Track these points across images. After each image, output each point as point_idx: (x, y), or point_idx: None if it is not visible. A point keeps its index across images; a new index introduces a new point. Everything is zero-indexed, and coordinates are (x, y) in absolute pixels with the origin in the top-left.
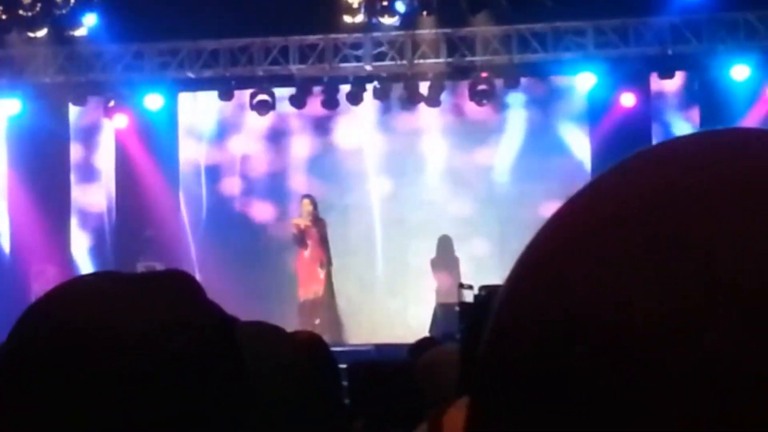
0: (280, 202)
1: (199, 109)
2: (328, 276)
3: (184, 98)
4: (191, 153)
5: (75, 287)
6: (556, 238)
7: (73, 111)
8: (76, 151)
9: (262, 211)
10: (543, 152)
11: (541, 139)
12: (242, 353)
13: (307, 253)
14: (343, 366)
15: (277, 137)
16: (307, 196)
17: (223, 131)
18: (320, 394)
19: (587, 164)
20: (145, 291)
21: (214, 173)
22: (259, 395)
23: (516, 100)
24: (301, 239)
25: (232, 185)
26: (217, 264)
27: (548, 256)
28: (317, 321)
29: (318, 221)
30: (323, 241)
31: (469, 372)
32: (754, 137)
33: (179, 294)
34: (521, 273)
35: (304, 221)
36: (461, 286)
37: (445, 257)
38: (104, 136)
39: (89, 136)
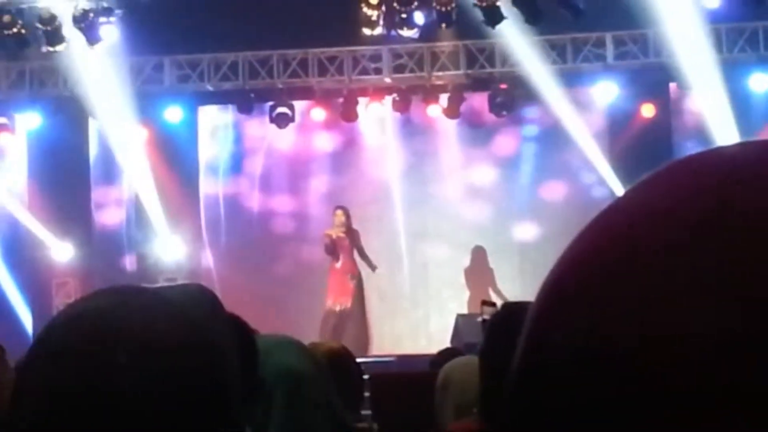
0: (301, 215)
1: (219, 122)
2: (359, 288)
3: (204, 111)
4: (212, 165)
5: (94, 301)
6: (590, 258)
7: (93, 124)
8: (96, 164)
9: (283, 225)
10: (563, 163)
11: (561, 151)
12: (259, 365)
13: (338, 264)
14: (366, 377)
15: (297, 149)
16: (341, 207)
17: (244, 144)
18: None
19: (608, 175)
20: (164, 305)
21: (235, 185)
22: (274, 405)
23: (535, 111)
24: (332, 250)
25: (253, 197)
26: (239, 277)
27: (582, 278)
28: (344, 333)
29: (351, 232)
30: (360, 252)
31: (490, 384)
32: None
33: (198, 309)
34: (555, 292)
35: (336, 232)
36: (484, 303)
37: (478, 268)
38: (124, 148)
39: (109, 148)
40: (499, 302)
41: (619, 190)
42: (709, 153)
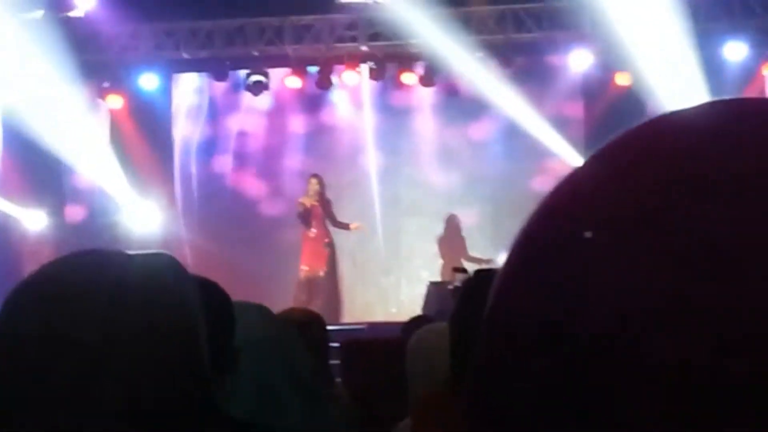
0: (274, 181)
1: (194, 90)
2: (332, 255)
3: (179, 78)
4: (185, 133)
5: (65, 262)
6: (546, 235)
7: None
8: (70, 132)
9: (255, 190)
10: (536, 130)
11: (535, 118)
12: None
13: (312, 232)
14: (336, 345)
15: (271, 117)
16: (315, 175)
17: (217, 111)
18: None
19: (581, 143)
20: (136, 266)
21: (207, 152)
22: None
23: (510, 79)
24: (306, 218)
25: (225, 164)
26: (210, 242)
27: (538, 254)
28: (317, 300)
29: (324, 201)
30: (331, 220)
31: (459, 351)
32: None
33: (168, 273)
34: (513, 271)
35: (310, 200)
36: (455, 269)
37: (451, 236)
38: (99, 116)
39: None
40: (471, 269)
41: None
42: (658, 121)
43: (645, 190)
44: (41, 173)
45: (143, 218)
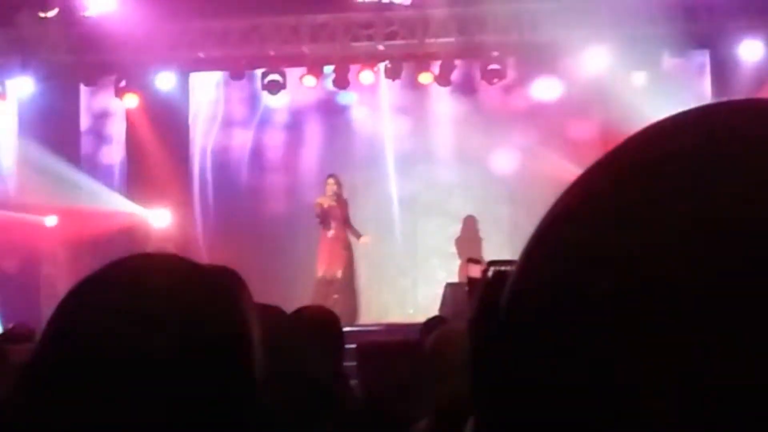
0: (291, 181)
1: (210, 89)
2: (350, 257)
3: (195, 78)
4: (202, 132)
5: (119, 266)
6: (572, 202)
7: (84, 91)
8: (87, 131)
9: (272, 190)
10: (555, 131)
11: (554, 118)
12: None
13: (330, 233)
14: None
15: (287, 116)
16: (332, 175)
17: (234, 111)
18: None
19: (599, 142)
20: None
21: (224, 152)
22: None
23: (528, 79)
24: (324, 219)
25: (242, 163)
26: (227, 242)
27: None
28: (334, 301)
29: (342, 201)
30: (347, 222)
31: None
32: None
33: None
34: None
35: (328, 201)
36: (469, 260)
37: (469, 237)
38: (115, 116)
39: (100, 116)
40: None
41: None
42: (700, 110)
43: (657, 191)
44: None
45: (161, 218)
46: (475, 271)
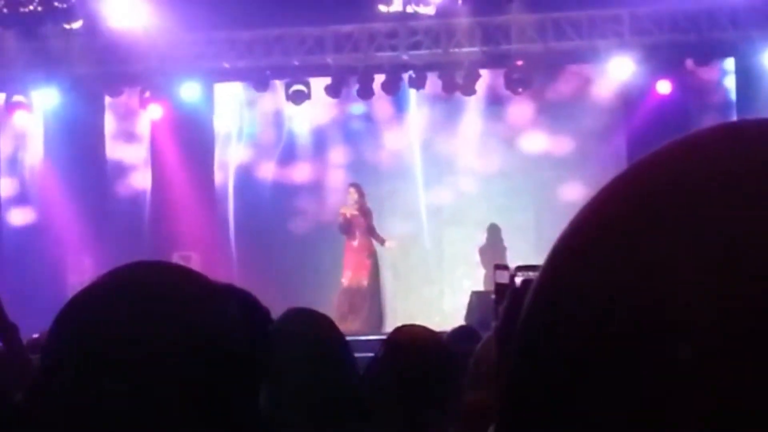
0: (317, 190)
1: (235, 99)
2: (375, 265)
3: (220, 89)
4: (226, 143)
5: (122, 278)
6: (595, 222)
7: (109, 102)
8: (111, 142)
9: (299, 203)
10: (579, 140)
11: (578, 127)
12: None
13: (355, 242)
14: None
15: (312, 126)
16: (354, 185)
17: (259, 120)
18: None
19: (623, 151)
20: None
21: (249, 162)
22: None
23: (551, 87)
24: (347, 228)
25: (267, 173)
26: (254, 255)
27: (588, 238)
28: (360, 310)
29: (365, 210)
30: (370, 231)
31: (505, 354)
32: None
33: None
34: (562, 252)
35: (350, 210)
36: (496, 266)
37: (493, 246)
38: (140, 126)
39: (125, 126)
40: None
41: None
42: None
43: (695, 200)
44: (85, 181)
45: (186, 226)
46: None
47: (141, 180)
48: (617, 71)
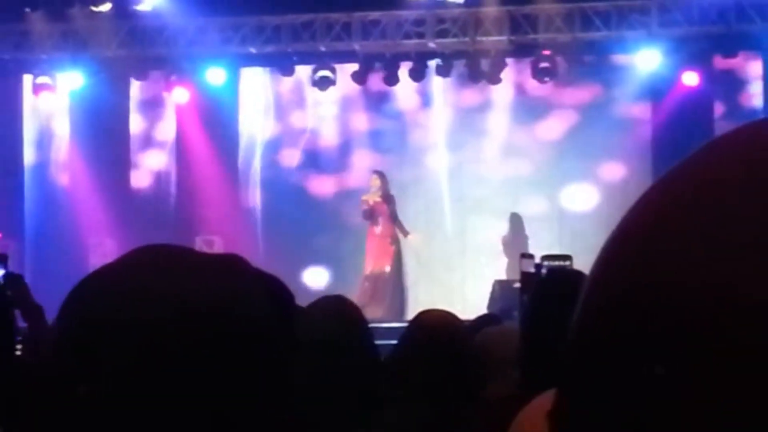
0: (340, 178)
1: (261, 84)
2: (398, 252)
3: (246, 73)
4: (251, 129)
5: (136, 257)
6: (647, 221)
7: (135, 85)
8: (136, 125)
9: (322, 186)
10: (605, 131)
11: (603, 118)
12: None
13: (378, 229)
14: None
15: (337, 113)
16: (377, 172)
17: (283, 107)
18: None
19: (648, 143)
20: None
21: (273, 149)
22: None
23: (578, 78)
24: (371, 215)
25: (292, 159)
26: (277, 240)
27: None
28: (382, 297)
29: (388, 197)
30: (393, 217)
31: (532, 348)
32: None
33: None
34: (611, 256)
35: (373, 197)
36: (522, 255)
37: (516, 235)
38: (165, 110)
39: (150, 109)
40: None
41: (660, 160)
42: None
43: (740, 208)
44: (109, 162)
45: (210, 211)
46: (529, 266)
47: (165, 163)
48: (644, 62)
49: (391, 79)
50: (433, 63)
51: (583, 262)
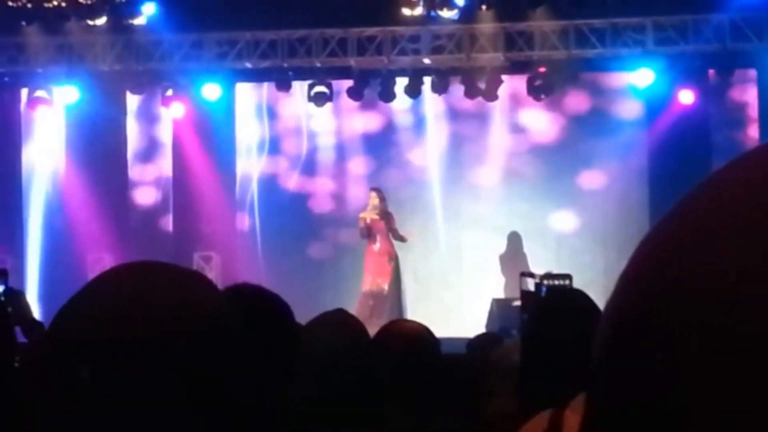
0: (337, 194)
1: (257, 99)
2: (397, 269)
3: (242, 88)
4: (248, 143)
5: (115, 272)
6: (666, 243)
7: (131, 99)
8: (132, 139)
9: (319, 206)
10: (601, 148)
11: (600, 135)
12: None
13: (376, 246)
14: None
15: (334, 129)
16: (375, 189)
17: (279, 123)
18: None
19: (644, 161)
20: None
21: (271, 163)
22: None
23: (573, 95)
24: (368, 233)
25: (289, 175)
26: (275, 258)
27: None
28: (380, 314)
29: (386, 215)
30: (392, 234)
31: (532, 364)
32: None
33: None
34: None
35: (370, 215)
36: (522, 274)
37: (513, 253)
38: (161, 124)
39: (146, 124)
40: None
41: (656, 178)
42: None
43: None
44: (105, 176)
45: (206, 228)
46: (529, 285)
47: (162, 178)
48: (640, 80)
49: (387, 95)
50: (428, 79)
51: (581, 281)
